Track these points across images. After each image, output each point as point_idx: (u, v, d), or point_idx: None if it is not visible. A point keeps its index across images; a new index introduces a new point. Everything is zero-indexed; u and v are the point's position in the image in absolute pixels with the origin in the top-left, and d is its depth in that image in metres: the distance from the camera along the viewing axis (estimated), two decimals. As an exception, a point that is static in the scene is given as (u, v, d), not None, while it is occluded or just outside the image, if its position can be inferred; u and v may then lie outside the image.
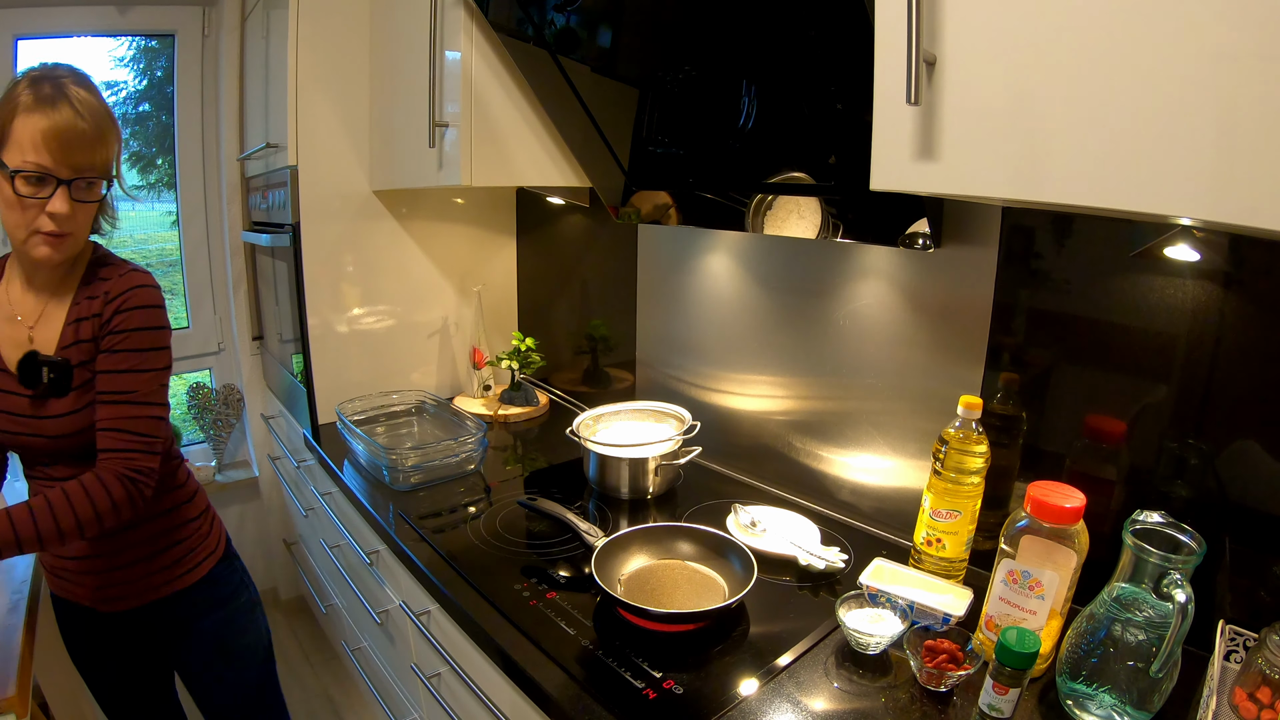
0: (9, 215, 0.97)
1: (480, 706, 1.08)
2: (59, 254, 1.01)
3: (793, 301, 1.37)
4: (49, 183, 0.96)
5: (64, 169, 0.96)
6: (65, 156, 0.95)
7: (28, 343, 1.06)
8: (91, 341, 1.06)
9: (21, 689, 1.12)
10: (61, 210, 0.97)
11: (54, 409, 1.06)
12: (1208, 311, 0.88)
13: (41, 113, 0.93)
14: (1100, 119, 0.60)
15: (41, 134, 0.93)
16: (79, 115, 0.95)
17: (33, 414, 1.06)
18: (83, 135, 0.96)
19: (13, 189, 0.94)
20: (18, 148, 0.93)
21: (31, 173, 0.94)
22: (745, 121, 1.17)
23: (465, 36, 1.37)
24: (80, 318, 1.06)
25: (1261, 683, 0.73)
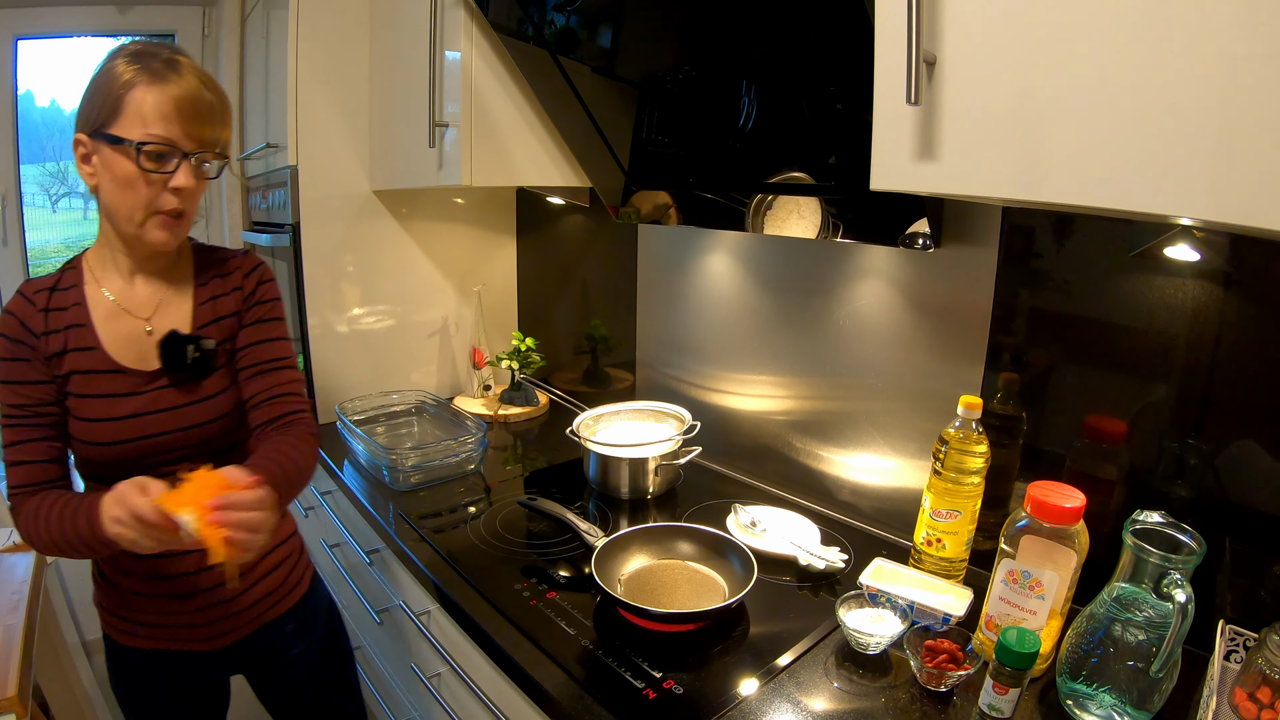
0: (125, 195, 0.90)
1: (480, 706, 1.08)
2: (176, 237, 0.95)
3: (793, 301, 1.37)
4: (173, 157, 0.89)
5: (189, 142, 0.90)
6: (193, 128, 0.89)
7: (145, 336, 0.99)
8: (234, 317, 1.03)
9: (21, 689, 1.12)
10: (187, 185, 0.91)
11: (200, 393, 1.00)
12: (1208, 311, 0.88)
13: (165, 83, 0.87)
14: (1100, 119, 0.60)
15: (172, 103, 0.87)
16: (205, 85, 0.91)
17: (182, 403, 0.99)
18: (210, 107, 0.91)
19: (136, 164, 0.88)
20: (138, 120, 0.87)
21: (158, 145, 0.87)
22: (745, 121, 1.17)
23: (465, 36, 1.37)
24: (216, 295, 1.03)
25: (1261, 683, 0.73)
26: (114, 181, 0.89)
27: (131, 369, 0.97)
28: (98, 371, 0.95)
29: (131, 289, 0.99)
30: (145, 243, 0.94)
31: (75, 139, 0.90)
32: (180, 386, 0.99)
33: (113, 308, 0.98)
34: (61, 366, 0.94)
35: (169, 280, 1.02)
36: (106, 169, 0.89)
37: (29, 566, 1.41)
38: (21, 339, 0.92)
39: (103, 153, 0.89)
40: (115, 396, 0.96)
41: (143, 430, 0.97)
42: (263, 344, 1.05)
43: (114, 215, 0.93)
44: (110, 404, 0.96)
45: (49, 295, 0.96)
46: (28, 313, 0.94)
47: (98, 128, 0.88)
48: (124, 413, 0.96)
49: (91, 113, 0.88)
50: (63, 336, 0.94)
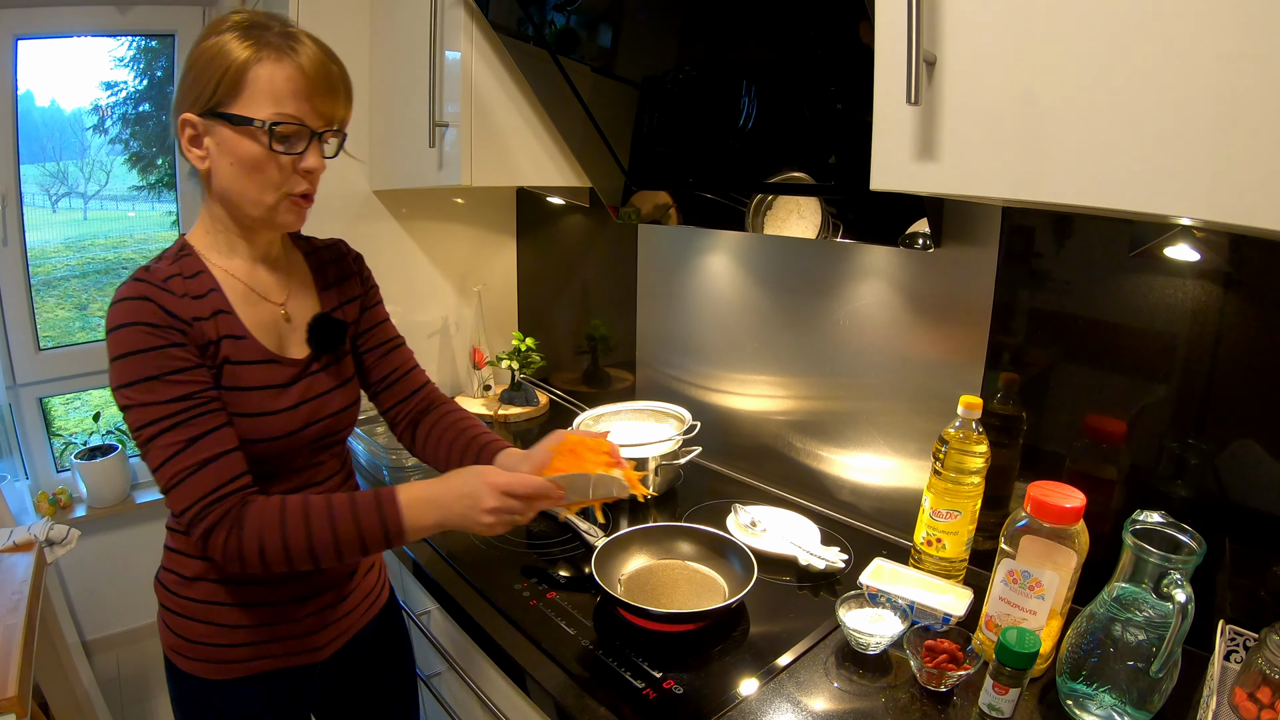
0: (252, 179, 0.83)
1: (480, 706, 1.08)
2: (302, 220, 0.90)
3: (793, 301, 1.37)
4: (302, 137, 0.83)
5: (318, 119, 0.84)
6: (322, 105, 0.83)
7: (284, 322, 0.93)
8: (356, 301, 1.02)
9: (21, 689, 1.12)
10: (319, 166, 0.85)
11: (346, 374, 0.98)
12: (1208, 311, 0.88)
13: (293, 57, 0.80)
14: (1100, 119, 0.60)
15: (303, 79, 0.81)
16: (330, 59, 0.84)
17: (331, 387, 0.95)
18: (339, 81, 0.85)
19: (266, 146, 0.81)
20: (265, 99, 0.80)
21: (290, 124, 0.81)
22: (745, 121, 1.17)
23: (465, 37, 1.37)
24: (336, 280, 1.00)
25: (1261, 683, 0.74)
26: (238, 164, 0.82)
27: (284, 357, 0.91)
28: (252, 362, 0.87)
29: (257, 274, 0.92)
30: (274, 226, 0.88)
31: (182, 120, 0.82)
32: (327, 371, 0.95)
33: (248, 293, 0.90)
34: (216, 356, 0.84)
35: (284, 265, 0.96)
36: (226, 151, 0.82)
37: (29, 566, 1.41)
38: (169, 324, 0.80)
39: (220, 134, 0.81)
40: (275, 388, 0.89)
41: (305, 419, 0.91)
42: (384, 324, 1.06)
43: (238, 199, 0.85)
44: (272, 396, 0.88)
45: (182, 281, 0.84)
46: (168, 299, 0.81)
47: (212, 107, 0.80)
48: (287, 404, 0.89)
49: (203, 91, 0.80)
50: (213, 324, 0.84)
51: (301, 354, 0.93)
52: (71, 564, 2.13)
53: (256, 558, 0.80)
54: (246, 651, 0.92)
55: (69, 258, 2.37)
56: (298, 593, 0.94)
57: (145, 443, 0.79)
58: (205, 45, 0.81)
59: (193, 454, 0.79)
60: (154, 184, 2.44)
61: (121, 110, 2.33)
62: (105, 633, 2.31)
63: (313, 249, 1.02)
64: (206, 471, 0.79)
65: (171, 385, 0.79)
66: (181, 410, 0.79)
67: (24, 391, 2.19)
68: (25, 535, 1.54)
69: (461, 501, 0.84)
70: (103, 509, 2.23)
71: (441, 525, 0.85)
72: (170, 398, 0.79)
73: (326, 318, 0.95)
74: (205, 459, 0.79)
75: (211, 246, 0.89)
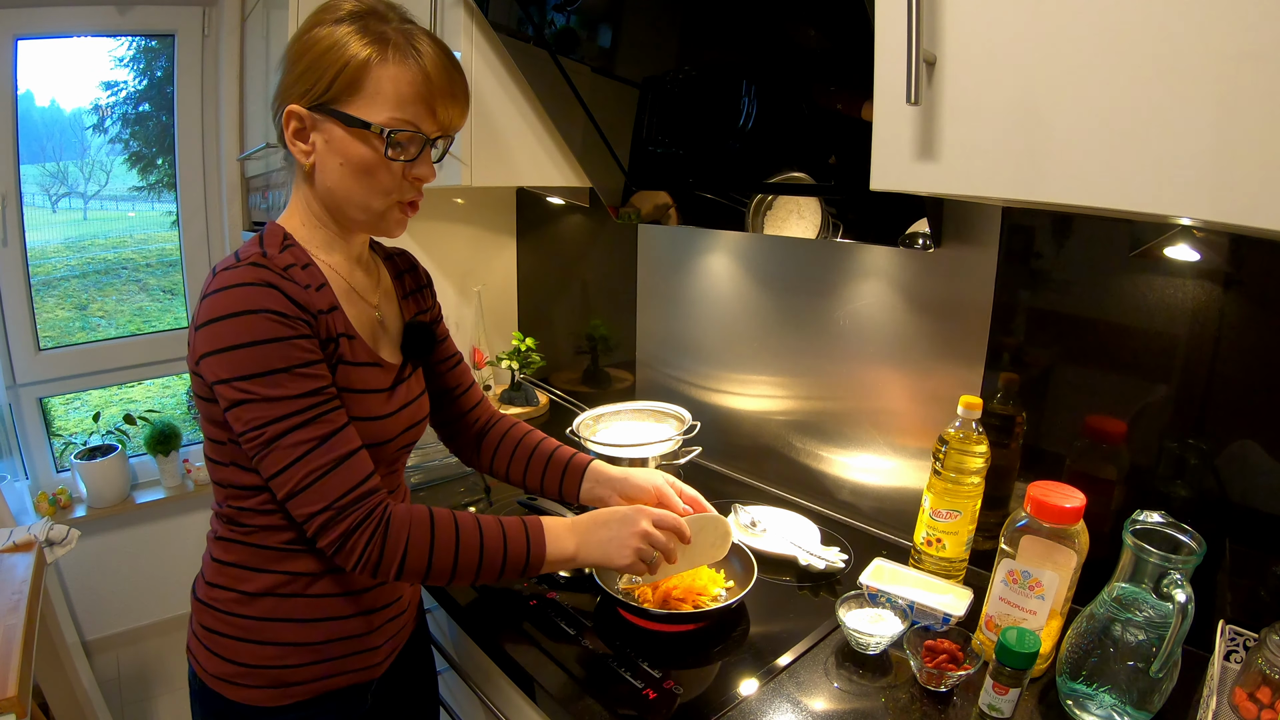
0: (361, 182, 0.79)
1: (480, 706, 1.08)
2: (404, 228, 0.86)
3: (793, 301, 1.37)
4: (416, 143, 0.79)
5: (434, 126, 0.80)
6: (443, 112, 0.79)
7: (379, 324, 0.90)
8: (429, 313, 1.02)
9: (21, 689, 1.12)
10: (430, 175, 0.82)
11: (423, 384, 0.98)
12: (1208, 311, 0.88)
13: (416, 59, 0.76)
14: (1100, 118, 0.60)
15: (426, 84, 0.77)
16: (452, 62, 0.79)
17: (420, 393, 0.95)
18: (460, 86, 0.81)
19: (381, 151, 0.77)
20: (386, 102, 0.76)
21: (408, 130, 0.77)
22: (745, 121, 1.17)
23: (465, 36, 1.37)
24: (413, 290, 1.00)
25: (1261, 683, 0.73)
26: (348, 166, 0.78)
27: (386, 361, 0.88)
28: (363, 364, 0.83)
29: (355, 274, 0.89)
30: (378, 231, 0.85)
31: (289, 110, 0.77)
32: (415, 377, 0.94)
33: (349, 291, 0.86)
34: (334, 354, 0.79)
35: (372, 268, 0.94)
36: (336, 151, 0.78)
37: (29, 566, 1.41)
38: (297, 315, 0.74)
39: (330, 132, 0.77)
40: (383, 391, 0.85)
41: (405, 423, 0.89)
42: (449, 339, 1.07)
43: (344, 202, 0.81)
44: (381, 399, 0.85)
45: (300, 271, 0.79)
46: (293, 289, 0.75)
47: (326, 102, 0.76)
48: (393, 407, 0.86)
49: (316, 85, 0.76)
50: (331, 319, 0.79)
51: (395, 359, 0.91)
52: (71, 564, 2.13)
53: (396, 565, 0.77)
54: (311, 671, 0.85)
55: (69, 258, 2.37)
56: (370, 604, 0.88)
57: (269, 441, 0.72)
58: (318, 35, 0.76)
59: (326, 451, 0.74)
60: (154, 184, 2.44)
61: (121, 110, 2.33)
62: (105, 633, 2.31)
63: (387, 255, 1.00)
64: (343, 470, 0.74)
65: (301, 379, 0.73)
66: (312, 405, 0.74)
67: (24, 391, 2.19)
68: (25, 535, 1.54)
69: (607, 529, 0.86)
70: (103, 509, 2.23)
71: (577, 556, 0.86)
72: (300, 392, 0.73)
73: (421, 325, 0.94)
74: (340, 456, 0.74)
75: (310, 240, 0.84)
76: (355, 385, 0.82)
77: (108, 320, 2.41)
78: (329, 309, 0.79)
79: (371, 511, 0.75)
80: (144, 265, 2.49)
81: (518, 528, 0.82)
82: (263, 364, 0.71)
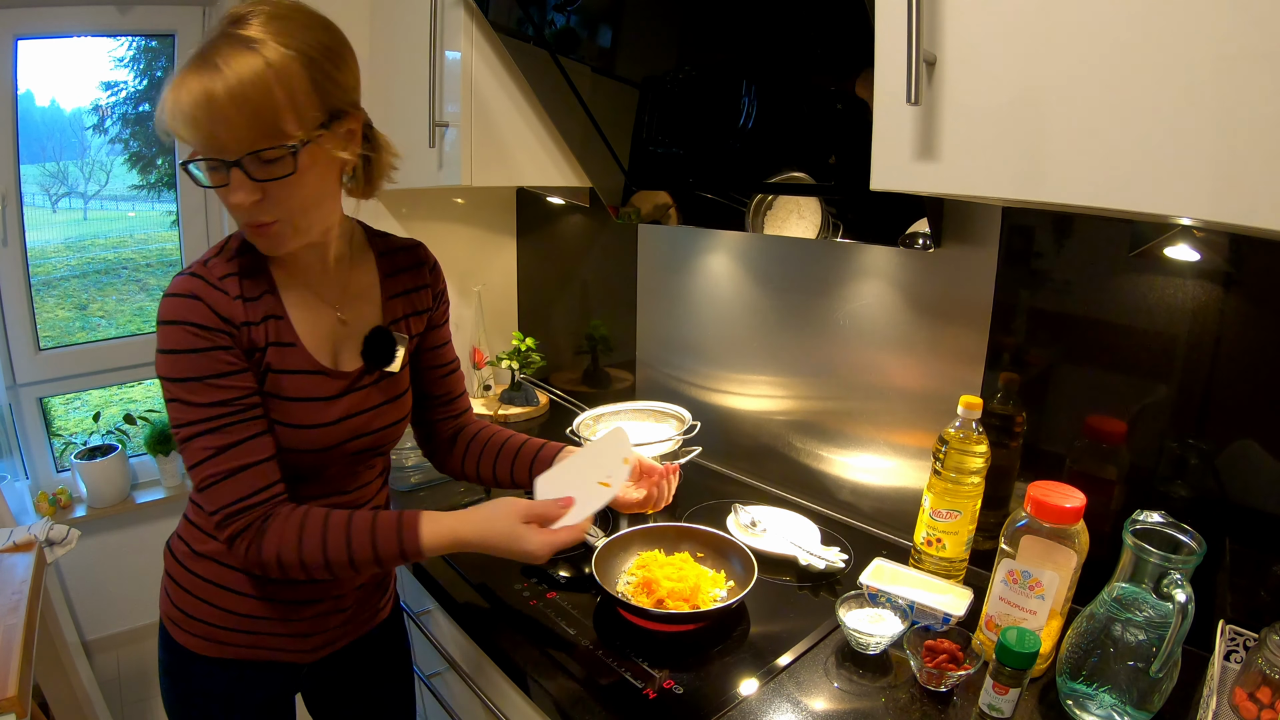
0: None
1: (480, 706, 1.08)
2: (278, 247, 0.81)
3: (793, 301, 1.37)
4: (211, 168, 0.75)
5: (212, 148, 0.73)
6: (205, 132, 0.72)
7: (340, 327, 0.89)
8: (425, 314, 0.98)
9: (21, 689, 1.12)
10: (237, 201, 0.75)
11: (399, 388, 0.95)
12: (1208, 311, 0.88)
13: (177, 80, 0.72)
14: (1101, 119, 0.60)
15: (189, 105, 0.71)
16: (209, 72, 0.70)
17: (381, 402, 0.92)
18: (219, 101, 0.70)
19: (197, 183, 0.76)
20: (174, 128, 0.73)
21: (200, 160, 0.74)
22: (745, 121, 1.17)
23: (465, 36, 1.37)
24: (405, 290, 0.96)
25: (1261, 683, 0.73)
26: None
27: (334, 369, 0.88)
28: (298, 372, 0.84)
29: (315, 278, 0.88)
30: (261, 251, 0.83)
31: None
32: (379, 385, 0.92)
33: (305, 297, 0.87)
34: (261, 364, 0.82)
35: (351, 267, 0.93)
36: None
37: (29, 566, 1.41)
38: (217, 327, 0.78)
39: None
40: (319, 400, 0.86)
41: (350, 433, 0.89)
42: (447, 345, 1.05)
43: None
44: (316, 408, 0.86)
45: (238, 282, 0.81)
46: (220, 300, 0.79)
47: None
48: (330, 418, 0.87)
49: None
50: (263, 329, 0.82)
51: (355, 365, 0.90)
52: (71, 564, 2.13)
53: (275, 567, 0.81)
54: (239, 638, 0.92)
55: (69, 258, 2.37)
56: (301, 596, 0.93)
57: (182, 441, 0.79)
58: None
59: (225, 461, 0.79)
60: (154, 184, 2.44)
61: (121, 110, 2.33)
62: (105, 633, 2.31)
63: (389, 249, 0.97)
64: (236, 480, 0.79)
65: (213, 389, 0.78)
66: (219, 416, 0.78)
67: (24, 391, 2.19)
68: (25, 535, 1.54)
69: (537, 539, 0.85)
70: (103, 509, 2.23)
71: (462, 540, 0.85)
72: (210, 401, 0.78)
73: (383, 332, 0.91)
74: (236, 467, 0.79)
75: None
76: (286, 392, 0.84)
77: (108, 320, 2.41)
78: (261, 319, 0.82)
79: (251, 523, 0.80)
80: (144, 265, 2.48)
81: (389, 520, 0.84)
82: (181, 371, 0.77)
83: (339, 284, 0.91)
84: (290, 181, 0.76)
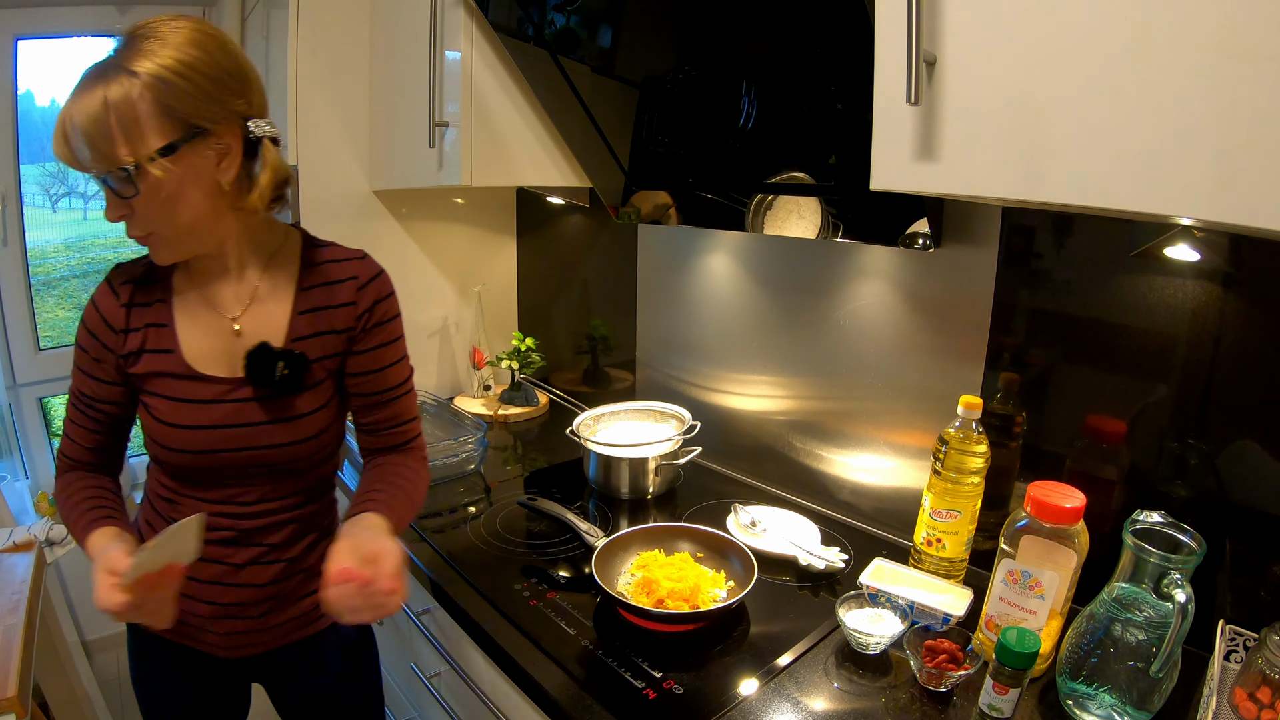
0: None
1: (480, 706, 1.08)
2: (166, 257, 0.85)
3: (793, 301, 1.37)
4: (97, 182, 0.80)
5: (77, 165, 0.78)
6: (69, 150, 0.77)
7: (234, 336, 0.89)
8: (341, 335, 0.92)
9: (21, 689, 1.12)
10: (111, 217, 0.81)
11: (287, 411, 0.90)
12: (1208, 311, 0.88)
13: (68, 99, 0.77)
14: (1100, 119, 0.60)
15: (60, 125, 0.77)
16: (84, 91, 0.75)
17: (257, 421, 0.89)
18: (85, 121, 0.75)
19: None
20: None
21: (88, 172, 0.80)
22: (745, 121, 1.17)
23: (465, 36, 1.37)
24: (319, 306, 0.91)
25: (1261, 683, 0.74)
26: None
27: (213, 376, 0.88)
28: (172, 375, 0.88)
29: (213, 283, 0.90)
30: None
31: None
32: (265, 402, 0.89)
33: (199, 301, 0.89)
34: (138, 365, 0.88)
35: (268, 273, 0.91)
36: None
37: (29, 566, 1.41)
38: (98, 334, 0.88)
39: None
40: (194, 403, 0.88)
41: (221, 443, 0.88)
42: (381, 372, 0.96)
43: None
44: (188, 410, 0.88)
45: (133, 289, 0.88)
46: (109, 306, 0.88)
47: None
48: (202, 422, 0.88)
49: None
50: (141, 335, 0.88)
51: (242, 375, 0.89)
52: (71, 564, 2.13)
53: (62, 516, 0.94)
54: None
55: (69, 258, 2.37)
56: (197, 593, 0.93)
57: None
58: None
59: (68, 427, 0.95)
60: (154, 184, 2.44)
61: (121, 110, 2.32)
62: (105, 633, 2.31)
63: (319, 261, 0.94)
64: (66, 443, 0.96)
65: (79, 379, 0.93)
66: (76, 398, 0.94)
67: (24, 391, 2.19)
68: (25, 535, 1.54)
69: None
70: (103, 509, 2.23)
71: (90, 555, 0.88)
72: (76, 385, 0.93)
73: (265, 349, 0.88)
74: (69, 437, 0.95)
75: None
76: (161, 392, 0.89)
77: (108, 320, 2.41)
78: (143, 326, 0.89)
79: (60, 474, 0.96)
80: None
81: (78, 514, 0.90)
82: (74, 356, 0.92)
83: (239, 292, 0.91)
84: (150, 199, 0.79)
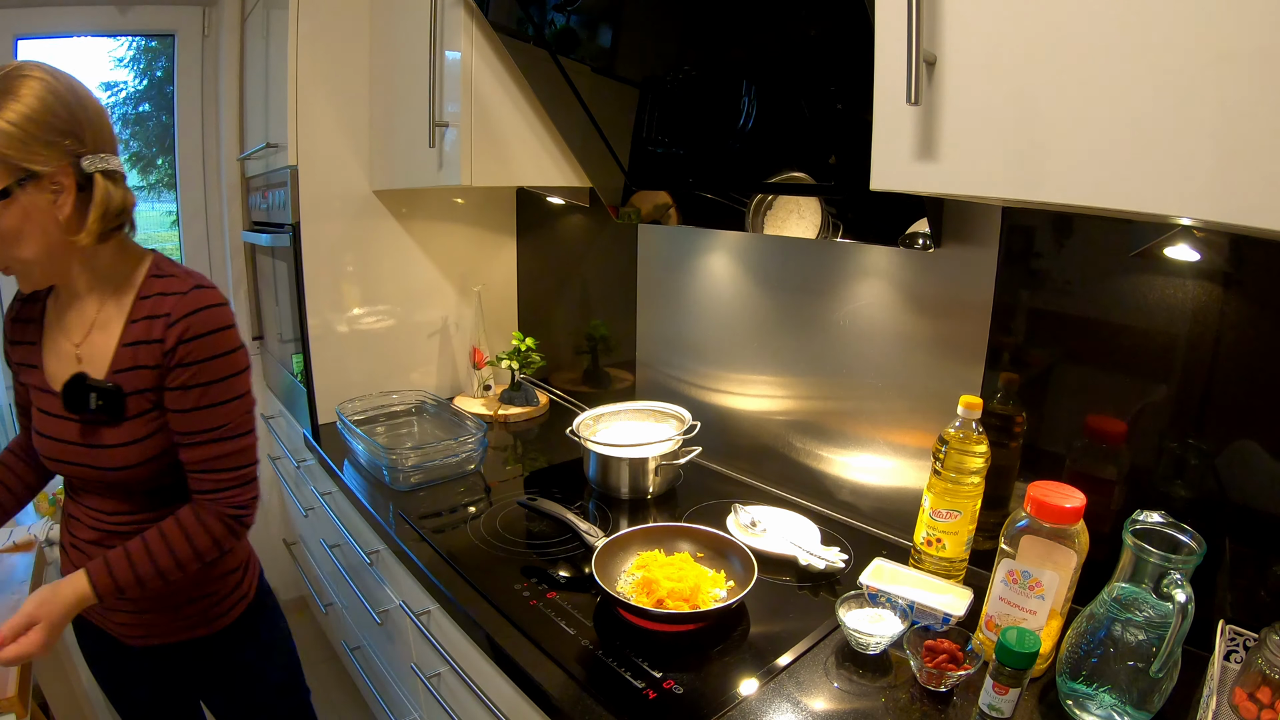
0: None
1: (480, 706, 1.08)
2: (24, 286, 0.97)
3: (793, 301, 1.37)
4: None
5: None
6: None
7: (75, 362, 0.96)
8: (155, 370, 0.94)
9: (21, 689, 1.12)
10: None
11: (108, 439, 0.95)
12: (1208, 311, 0.88)
13: None
14: (1100, 119, 0.60)
15: None
16: None
17: (83, 443, 0.95)
18: None
19: None
20: None
21: None
22: (745, 121, 1.17)
23: (465, 36, 1.37)
24: (138, 340, 0.94)
25: (1261, 683, 0.74)
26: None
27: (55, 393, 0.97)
28: (40, 390, 1.00)
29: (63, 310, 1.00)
30: None
31: None
32: (85, 427, 0.95)
33: (56, 325, 1.00)
34: (23, 375, 1.03)
35: (111, 301, 0.97)
36: None
37: (29, 567, 1.41)
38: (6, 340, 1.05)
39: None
40: (48, 416, 0.99)
41: (61, 455, 0.99)
42: (189, 413, 0.95)
43: None
44: (43, 421, 0.99)
45: (19, 306, 1.04)
46: (6, 321, 1.04)
47: None
48: (52, 434, 0.98)
49: None
50: (21, 349, 1.02)
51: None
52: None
53: None
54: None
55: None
56: None
57: None
58: None
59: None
60: (154, 184, 2.44)
61: (121, 110, 2.33)
62: (105, 633, 2.31)
63: (151, 294, 0.96)
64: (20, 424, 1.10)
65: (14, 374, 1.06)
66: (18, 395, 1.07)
67: (24, 391, 2.18)
68: (25, 535, 1.54)
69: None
70: (103, 509, 2.23)
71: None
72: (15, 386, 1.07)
73: (78, 382, 0.94)
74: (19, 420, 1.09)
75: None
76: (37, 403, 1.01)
77: (108, 320, 2.41)
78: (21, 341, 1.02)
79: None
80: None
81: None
82: None
83: (81, 319, 0.98)
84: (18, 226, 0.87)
